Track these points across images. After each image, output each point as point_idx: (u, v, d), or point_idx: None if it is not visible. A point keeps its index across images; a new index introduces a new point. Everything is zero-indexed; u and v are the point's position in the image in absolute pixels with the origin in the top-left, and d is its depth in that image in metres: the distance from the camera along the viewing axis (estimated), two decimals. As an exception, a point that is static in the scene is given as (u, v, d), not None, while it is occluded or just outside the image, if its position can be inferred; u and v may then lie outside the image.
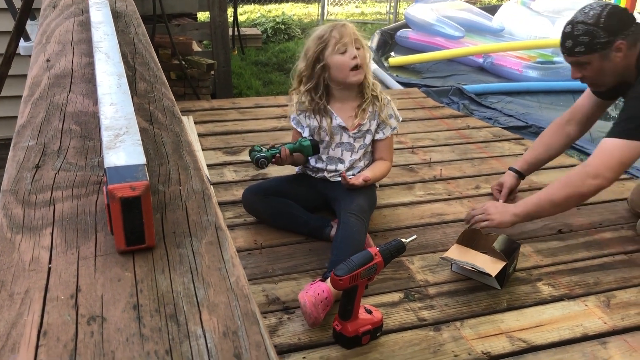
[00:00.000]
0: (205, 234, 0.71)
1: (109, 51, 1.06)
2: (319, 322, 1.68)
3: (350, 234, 1.94)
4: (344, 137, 2.18)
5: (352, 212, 2.00)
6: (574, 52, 1.96)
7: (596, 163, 1.92)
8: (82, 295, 0.61)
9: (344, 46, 2.02)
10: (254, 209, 2.23)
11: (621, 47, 1.91)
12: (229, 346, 0.55)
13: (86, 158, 0.88)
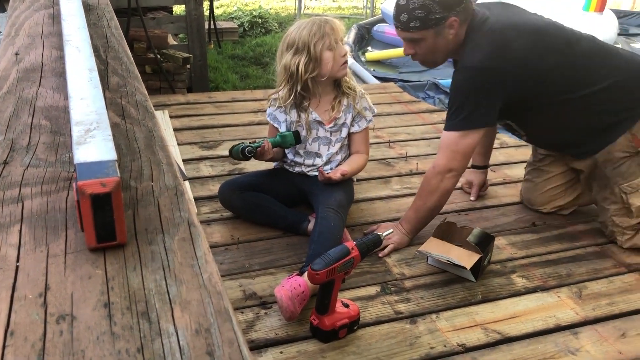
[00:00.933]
0: (177, 231, 0.70)
1: (79, 44, 1.04)
2: (296, 316, 1.68)
3: (328, 228, 1.94)
4: (320, 131, 2.18)
5: (330, 207, 2.01)
6: (409, 27, 1.87)
7: (443, 162, 1.97)
8: (51, 293, 0.60)
9: (336, 42, 2.04)
10: (231, 204, 2.22)
11: (454, 24, 1.87)
12: (201, 343, 0.54)
13: (56, 154, 0.87)
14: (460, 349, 1.63)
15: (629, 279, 1.97)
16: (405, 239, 2.09)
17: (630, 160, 2.01)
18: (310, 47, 2.02)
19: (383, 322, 1.72)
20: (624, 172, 2.02)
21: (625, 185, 2.03)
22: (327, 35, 2.02)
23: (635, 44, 5.78)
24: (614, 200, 2.08)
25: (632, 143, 1.98)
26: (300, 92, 2.11)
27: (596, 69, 1.93)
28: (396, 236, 2.08)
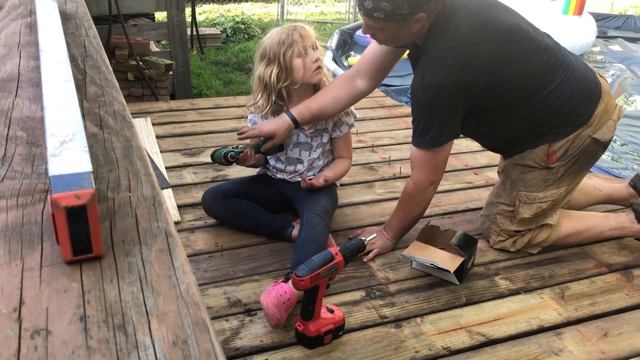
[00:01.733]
0: (155, 242, 0.69)
1: (56, 54, 1.04)
2: (282, 323, 1.68)
3: (313, 234, 1.94)
4: (300, 137, 2.18)
5: (315, 213, 2.01)
6: (372, 16, 1.77)
7: (423, 178, 1.96)
8: (26, 308, 0.59)
9: (305, 49, 2.05)
10: (214, 211, 2.21)
11: (420, 19, 1.77)
12: (178, 355, 0.54)
13: (32, 165, 0.86)
14: (445, 352, 1.63)
15: (610, 279, 2.00)
16: (389, 244, 2.10)
17: (538, 172, 1.99)
18: (279, 56, 2.04)
19: (368, 326, 1.73)
20: (527, 181, 2.01)
21: (523, 193, 2.03)
22: (295, 43, 2.03)
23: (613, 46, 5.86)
24: (507, 202, 2.08)
25: (545, 157, 1.96)
26: (277, 100, 2.11)
27: (548, 82, 1.88)
28: (380, 241, 2.09)
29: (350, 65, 5.01)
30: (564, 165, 1.97)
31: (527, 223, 2.06)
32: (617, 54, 5.51)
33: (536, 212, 2.02)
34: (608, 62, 5.29)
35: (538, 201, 2.01)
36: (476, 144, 3.12)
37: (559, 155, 1.95)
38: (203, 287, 1.87)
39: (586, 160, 2.01)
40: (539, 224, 2.06)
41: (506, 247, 2.11)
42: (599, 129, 1.94)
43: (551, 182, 2.00)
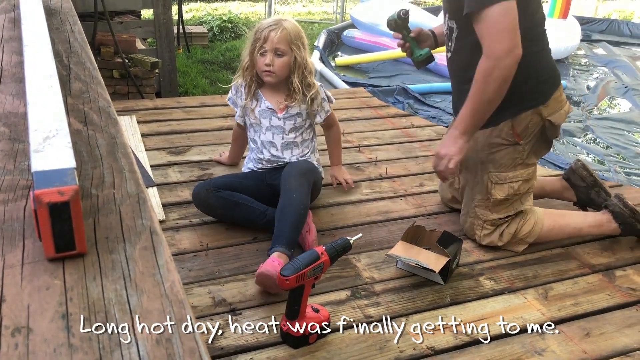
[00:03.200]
0: (139, 239, 0.69)
1: (39, 49, 1.02)
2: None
3: (289, 201, 2.00)
4: (273, 120, 2.26)
5: (289, 176, 2.10)
6: None
7: (497, 45, 1.77)
8: (7, 305, 0.58)
9: (264, 50, 2.17)
10: (208, 204, 2.17)
11: None
12: (162, 354, 0.53)
13: (15, 161, 0.84)
14: (429, 352, 1.64)
15: (592, 280, 2.02)
16: (461, 144, 1.92)
17: (506, 150, 2.02)
18: (249, 45, 2.23)
19: (353, 326, 1.73)
20: (497, 160, 2.04)
21: (493, 174, 2.06)
22: (257, 40, 2.18)
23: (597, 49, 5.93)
24: (480, 189, 2.10)
25: (511, 132, 2.00)
26: (253, 82, 2.27)
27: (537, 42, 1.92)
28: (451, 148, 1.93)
29: (337, 66, 5.02)
30: (528, 143, 2.02)
31: (504, 208, 2.07)
32: (601, 58, 5.57)
33: (508, 192, 2.05)
34: (592, 65, 5.35)
35: (509, 181, 2.04)
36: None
37: (520, 132, 1.99)
38: (188, 286, 1.86)
39: (543, 143, 2.07)
40: (518, 210, 2.09)
41: (494, 242, 2.12)
42: (553, 113, 2.01)
43: (520, 160, 2.03)
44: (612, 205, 2.18)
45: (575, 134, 3.63)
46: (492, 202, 2.08)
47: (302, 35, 2.23)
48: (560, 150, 3.32)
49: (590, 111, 4.10)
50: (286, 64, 2.18)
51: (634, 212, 2.15)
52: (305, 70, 2.23)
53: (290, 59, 2.18)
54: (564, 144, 3.44)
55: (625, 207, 2.15)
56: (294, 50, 2.18)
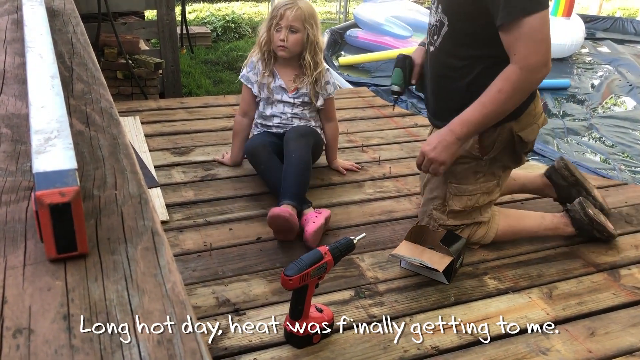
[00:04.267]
0: (141, 240, 0.69)
1: (42, 51, 1.02)
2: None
3: (290, 161, 2.24)
4: (284, 96, 2.49)
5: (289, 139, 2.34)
6: None
7: (533, 57, 1.68)
8: (9, 306, 0.58)
9: (280, 27, 2.37)
10: (259, 157, 2.39)
11: None
12: (163, 354, 0.53)
13: (17, 163, 0.85)
14: (433, 352, 1.64)
15: (597, 279, 2.01)
16: (453, 150, 1.84)
17: (468, 164, 1.99)
18: (267, 22, 2.43)
19: (357, 326, 1.72)
20: (458, 173, 2.00)
21: (454, 185, 2.02)
22: (274, 17, 2.38)
23: (601, 47, 5.90)
24: (440, 194, 2.07)
25: (477, 146, 1.95)
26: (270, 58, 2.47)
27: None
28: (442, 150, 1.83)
29: (340, 65, 5.01)
30: (491, 158, 1.98)
31: (460, 217, 2.05)
32: (605, 56, 5.55)
33: (466, 204, 2.02)
34: (596, 63, 5.33)
35: (468, 194, 2.02)
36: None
37: (485, 146, 1.95)
38: (191, 286, 1.86)
39: (511, 158, 2.02)
40: (475, 220, 2.06)
41: None
42: (524, 129, 1.95)
43: (481, 174, 2.00)
44: (572, 211, 2.18)
45: (579, 133, 3.62)
46: (448, 211, 2.05)
47: (315, 15, 2.42)
48: (564, 149, 3.31)
49: (594, 109, 4.08)
50: (299, 40, 2.38)
51: (593, 221, 2.15)
52: (317, 47, 2.43)
53: (304, 36, 2.38)
54: (568, 142, 3.42)
55: (585, 216, 2.15)
56: (307, 28, 2.38)
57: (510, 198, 2.49)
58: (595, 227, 2.16)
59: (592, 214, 2.16)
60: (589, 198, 2.30)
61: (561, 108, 4.07)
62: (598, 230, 2.17)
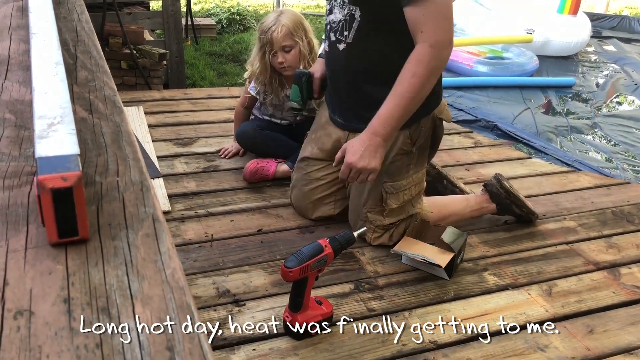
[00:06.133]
0: (142, 226, 0.69)
1: (46, 37, 1.03)
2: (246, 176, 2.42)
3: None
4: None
5: None
6: None
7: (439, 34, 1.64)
8: (10, 289, 0.59)
9: (274, 53, 2.42)
10: (253, 139, 2.59)
11: None
12: (162, 339, 0.54)
13: (20, 148, 0.85)
14: (432, 346, 1.64)
15: (597, 277, 2.01)
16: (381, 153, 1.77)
17: (401, 160, 1.95)
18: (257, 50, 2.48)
19: (356, 319, 1.73)
20: (392, 172, 1.96)
21: (388, 185, 1.98)
22: (264, 45, 2.42)
23: (608, 46, 5.88)
24: (373, 197, 2.00)
25: (409, 141, 1.93)
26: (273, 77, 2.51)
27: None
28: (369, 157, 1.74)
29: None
30: (419, 148, 1.98)
31: (396, 214, 2.02)
32: (610, 54, 5.53)
33: (403, 200, 2.00)
34: (602, 62, 5.31)
35: (403, 189, 1.99)
36: (468, 140, 3.14)
37: (416, 139, 1.95)
38: (192, 276, 1.87)
39: (435, 142, 2.04)
40: (410, 214, 2.04)
41: (384, 243, 2.06)
42: (443, 111, 1.99)
43: (412, 166, 1.99)
44: (490, 185, 2.21)
45: (583, 131, 3.61)
46: (387, 211, 2.01)
47: (301, 22, 2.43)
48: (567, 147, 3.30)
49: (598, 108, 4.07)
50: (296, 55, 2.43)
51: (509, 193, 2.19)
52: (313, 50, 2.48)
53: (297, 49, 2.42)
54: (572, 140, 3.42)
55: (502, 189, 2.19)
56: (298, 41, 2.41)
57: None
58: (513, 201, 2.20)
59: (508, 186, 2.20)
60: (455, 190, 2.35)
61: (565, 106, 4.06)
62: (517, 205, 2.21)
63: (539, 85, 4.36)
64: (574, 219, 2.37)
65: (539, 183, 2.68)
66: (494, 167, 2.82)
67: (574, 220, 2.36)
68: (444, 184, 2.36)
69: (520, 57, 4.66)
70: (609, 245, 2.20)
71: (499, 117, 3.54)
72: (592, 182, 2.72)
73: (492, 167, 2.80)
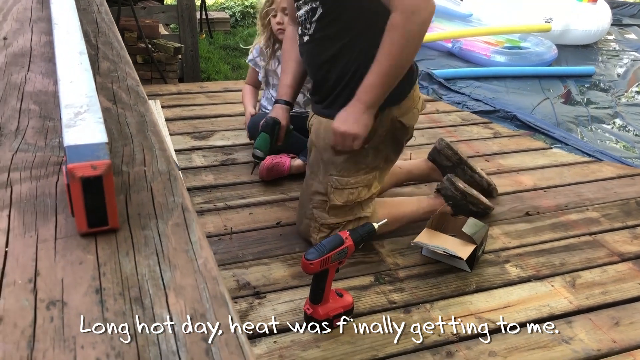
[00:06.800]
0: (171, 216, 0.68)
1: (69, 27, 1.02)
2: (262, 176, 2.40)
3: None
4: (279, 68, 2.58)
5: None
6: None
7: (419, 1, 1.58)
8: (41, 279, 0.58)
9: (275, 11, 2.47)
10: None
11: None
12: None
13: (46, 138, 0.84)
14: (454, 339, 1.62)
15: (622, 268, 1.97)
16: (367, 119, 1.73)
17: (351, 155, 1.85)
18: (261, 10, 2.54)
19: (377, 311, 1.72)
20: (339, 164, 1.88)
21: (335, 178, 1.89)
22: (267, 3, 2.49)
23: (629, 34, 5.78)
24: (320, 190, 1.93)
25: None
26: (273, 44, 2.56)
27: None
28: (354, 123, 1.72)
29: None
30: (374, 149, 1.88)
31: (342, 214, 1.93)
32: (631, 42, 5.43)
33: (347, 199, 1.91)
34: (622, 50, 5.22)
35: (349, 187, 1.90)
36: (487, 131, 3.10)
37: (370, 135, 1.80)
38: (212, 269, 1.86)
39: (392, 145, 1.93)
40: (357, 216, 1.95)
41: None
42: (405, 114, 1.88)
43: (363, 166, 1.90)
44: (444, 189, 2.17)
45: (604, 121, 3.55)
46: (329, 206, 1.93)
47: None
48: (588, 137, 3.25)
49: (619, 97, 4.00)
50: None
51: (465, 194, 2.15)
52: None
53: None
54: (592, 130, 3.36)
55: (457, 191, 2.14)
56: None
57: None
58: (469, 200, 2.16)
59: (462, 187, 2.16)
60: (474, 176, 2.31)
61: (585, 96, 4.00)
62: (473, 204, 2.17)
63: (558, 74, 4.30)
64: (596, 210, 2.34)
65: (561, 173, 2.64)
66: (514, 157, 2.78)
67: (597, 211, 2.33)
68: (464, 169, 2.32)
69: (538, 46, 4.59)
70: (634, 236, 2.17)
71: (517, 108, 3.50)
72: (614, 172, 2.67)
73: (512, 158, 2.77)
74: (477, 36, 4.69)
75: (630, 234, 2.17)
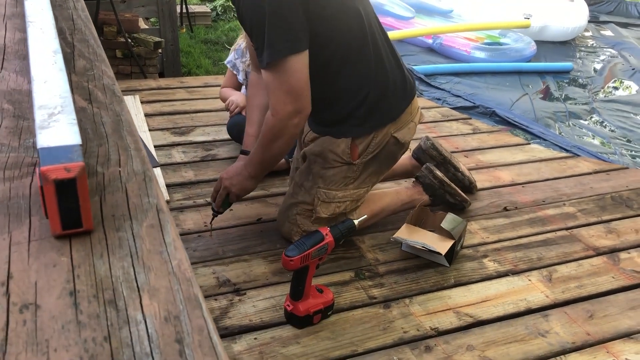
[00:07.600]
0: (146, 217, 0.68)
1: (43, 26, 1.01)
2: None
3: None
4: None
5: None
6: None
7: (276, 105, 1.68)
8: (14, 282, 0.58)
9: None
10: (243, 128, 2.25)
11: None
12: (170, 331, 0.53)
13: (20, 139, 0.84)
14: (433, 333, 1.65)
15: (597, 262, 2.01)
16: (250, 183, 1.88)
17: (339, 168, 1.88)
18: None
19: (357, 307, 1.73)
20: (327, 177, 1.89)
21: (322, 191, 1.90)
22: None
23: (605, 31, 5.86)
24: (306, 200, 1.94)
25: (348, 151, 1.85)
26: None
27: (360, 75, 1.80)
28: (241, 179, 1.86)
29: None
30: (364, 164, 1.89)
31: (326, 223, 1.88)
32: (608, 39, 5.51)
33: (334, 211, 1.92)
34: (599, 47, 5.29)
35: (337, 200, 1.91)
36: (467, 127, 3.13)
37: (360, 150, 1.86)
38: (192, 266, 1.86)
39: (385, 160, 1.95)
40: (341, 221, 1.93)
41: None
42: (401, 129, 1.89)
43: (352, 180, 1.90)
44: (422, 177, 2.20)
45: (581, 116, 3.61)
46: (314, 218, 1.93)
47: None
48: (565, 132, 3.30)
49: (596, 93, 4.06)
50: None
51: (443, 183, 2.19)
52: None
53: None
54: (570, 126, 3.41)
55: (435, 179, 2.19)
56: None
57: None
58: (447, 190, 2.20)
59: (440, 176, 2.19)
60: (457, 174, 2.34)
61: (563, 91, 4.05)
62: (450, 194, 2.21)
63: (537, 70, 4.35)
64: (573, 205, 2.38)
65: (538, 169, 2.68)
66: (493, 153, 2.82)
67: (574, 206, 2.37)
68: (447, 168, 2.33)
69: (517, 42, 4.64)
70: (608, 230, 2.21)
71: (497, 103, 3.53)
72: (591, 168, 2.72)
73: (490, 154, 2.80)
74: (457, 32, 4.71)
75: (605, 229, 2.22)
